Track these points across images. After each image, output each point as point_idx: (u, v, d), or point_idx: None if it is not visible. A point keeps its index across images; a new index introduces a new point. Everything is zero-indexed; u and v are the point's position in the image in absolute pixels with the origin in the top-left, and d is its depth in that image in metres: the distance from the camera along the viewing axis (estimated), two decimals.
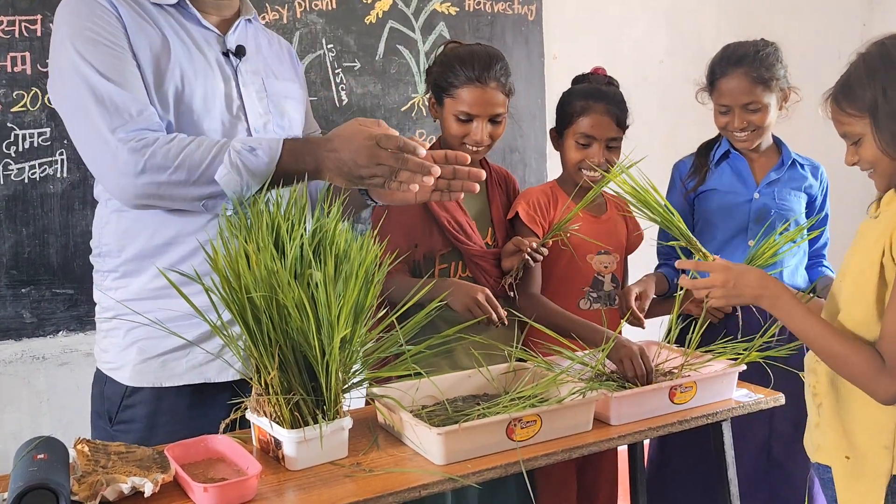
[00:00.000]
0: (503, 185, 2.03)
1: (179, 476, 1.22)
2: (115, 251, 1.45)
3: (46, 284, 2.07)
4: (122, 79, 1.35)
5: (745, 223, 2.01)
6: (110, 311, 1.46)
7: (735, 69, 1.95)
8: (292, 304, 1.24)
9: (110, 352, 1.47)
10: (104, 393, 1.49)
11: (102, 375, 1.50)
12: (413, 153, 1.32)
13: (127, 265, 1.44)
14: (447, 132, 1.88)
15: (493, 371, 1.63)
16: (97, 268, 1.50)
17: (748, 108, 1.94)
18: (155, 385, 1.44)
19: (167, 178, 1.33)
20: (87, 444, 1.26)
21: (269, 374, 1.28)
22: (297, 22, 2.40)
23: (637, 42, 3.11)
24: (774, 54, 1.97)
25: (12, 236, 2.03)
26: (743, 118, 1.95)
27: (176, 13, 1.47)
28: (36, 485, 1.08)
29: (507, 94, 1.86)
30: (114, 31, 1.37)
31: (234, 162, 1.33)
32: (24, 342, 2.08)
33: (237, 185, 1.34)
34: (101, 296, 1.49)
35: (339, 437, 1.34)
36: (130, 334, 1.44)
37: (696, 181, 2.06)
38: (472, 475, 1.30)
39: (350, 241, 1.33)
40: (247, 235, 1.29)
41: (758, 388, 1.68)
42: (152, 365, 1.44)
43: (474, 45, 1.91)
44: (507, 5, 2.78)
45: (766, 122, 1.97)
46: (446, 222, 1.85)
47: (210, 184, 1.34)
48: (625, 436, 1.47)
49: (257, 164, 1.34)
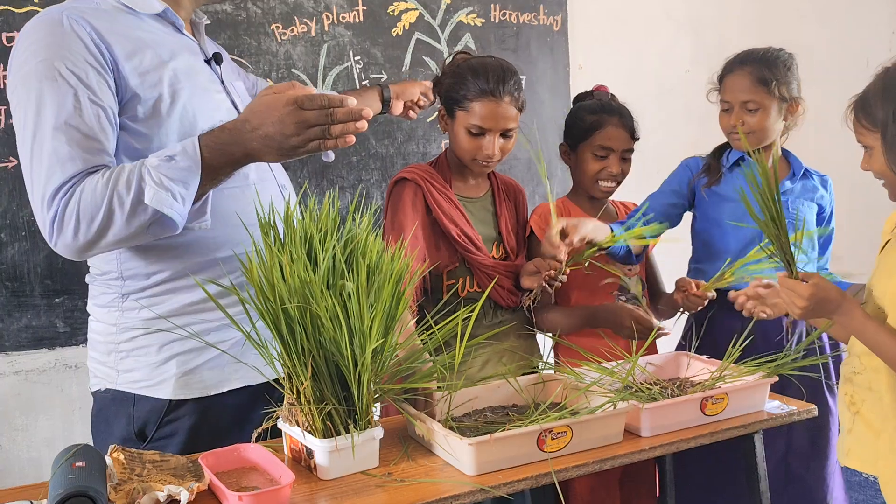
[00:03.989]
0: (511, 197, 2.03)
1: (214, 485, 1.24)
2: (143, 275, 1.43)
3: (79, 294, 2.10)
4: (76, 121, 1.30)
5: (758, 232, 1.98)
6: (135, 331, 1.43)
7: (740, 67, 1.95)
8: (325, 315, 1.25)
9: (140, 370, 1.44)
10: (133, 414, 1.45)
11: (127, 396, 1.45)
12: (341, 105, 1.24)
13: (161, 286, 1.43)
14: (457, 145, 1.87)
15: (523, 382, 1.63)
16: (111, 290, 1.46)
17: (746, 106, 1.92)
18: (202, 395, 1.44)
19: (96, 229, 1.28)
20: (122, 451, 1.28)
21: (303, 384, 1.29)
22: (325, 34, 2.43)
23: (662, 52, 3.11)
24: (785, 61, 1.95)
25: (46, 247, 2.04)
26: (740, 116, 1.93)
27: (156, 23, 1.46)
28: (75, 492, 1.09)
29: (520, 108, 1.86)
30: (81, 63, 1.31)
31: (155, 179, 1.26)
32: (57, 351, 2.11)
33: (168, 200, 1.27)
34: (120, 316, 1.45)
35: (371, 447, 1.34)
36: (166, 349, 1.43)
37: (710, 179, 2.04)
38: (503, 486, 1.30)
39: (382, 252, 1.34)
40: (280, 247, 1.31)
41: (790, 399, 1.66)
42: (197, 376, 1.44)
43: (487, 58, 1.90)
44: (532, 16, 2.79)
45: (764, 126, 1.92)
46: (456, 235, 1.84)
47: (141, 210, 1.27)
48: (656, 447, 1.46)
49: (180, 172, 1.27)
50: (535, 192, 2.79)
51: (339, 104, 1.24)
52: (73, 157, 1.30)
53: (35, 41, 1.33)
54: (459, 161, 1.90)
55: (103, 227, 1.28)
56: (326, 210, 1.37)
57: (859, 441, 1.50)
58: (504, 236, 1.95)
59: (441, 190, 1.87)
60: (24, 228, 2.03)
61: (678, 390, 1.62)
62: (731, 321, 1.90)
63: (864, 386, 1.49)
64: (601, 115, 1.98)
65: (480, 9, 2.69)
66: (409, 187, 1.85)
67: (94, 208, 1.28)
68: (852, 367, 1.52)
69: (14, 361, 2.07)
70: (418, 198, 1.84)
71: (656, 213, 2.00)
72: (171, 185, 1.27)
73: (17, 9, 1.99)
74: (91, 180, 1.29)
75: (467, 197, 1.93)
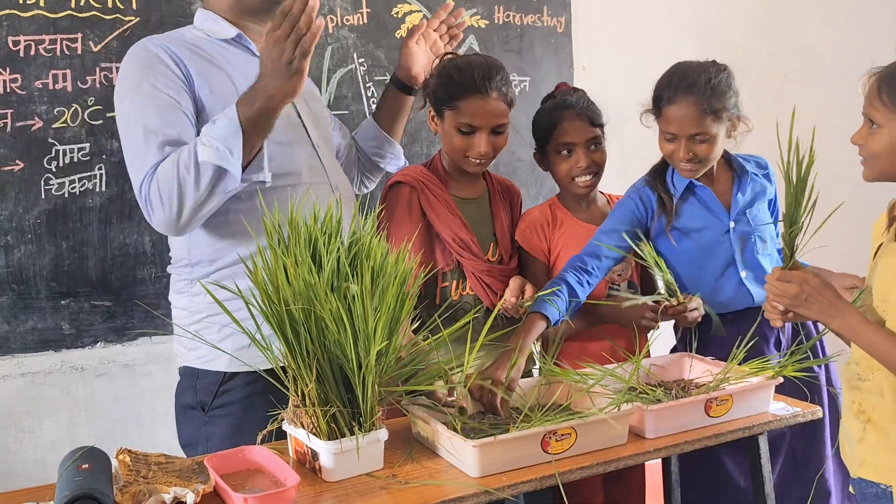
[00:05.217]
0: (507, 197, 2.01)
1: (219, 487, 1.24)
2: (207, 261, 1.63)
3: (85, 297, 2.10)
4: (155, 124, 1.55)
5: (731, 255, 1.89)
6: (203, 313, 1.63)
7: (684, 97, 1.79)
8: (329, 317, 1.25)
9: (203, 346, 1.61)
10: (196, 386, 1.65)
11: (193, 371, 1.66)
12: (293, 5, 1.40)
13: (222, 271, 1.61)
14: (449, 145, 1.85)
15: (527, 384, 1.63)
16: (183, 277, 1.67)
17: (695, 138, 1.80)
18: (252, 369, 1.53)
19: (176, 199, 1.50)
20: (128, 454, 1.29)
21: (307, 386, 1.30)
22: (329, 37, 2.43)
23: (666, 54, 3.08)
24: (726, 81, 1.82)
25: (52, 249, 2.06)
26: (689, 148, 1.81)
27: (231, 47, 1.70)
28: (81, 494, 1.10)
29: (509, 104, 1.84)
30: (169, 82, 1.58)
31: (203, 141, 1.48)
32: (62, 353, 2.11)
33: (217, 154, 1.47)
34: (190, 301, 1.65)
35: (375, 449, 1.35)
36: (224, 330, 1.59)
37: (668, 218, 1.90)
38: (507, 488, 1.30)
39: (386, 255, 1.35)
40: (285, 249, 1.31)
41: (795, 401, 1.66)
42: (249, 352, 1.51)
43: (472, 56, 1.90)
44: (536, 17, 2.79)
45: (713, 154, 1.83)
46: (450, 239, 1.83)
47: (204, 170, 1.47)
48: (660, 449, 1.46)
49: (220, 129, 1.48)
50: (539, 192, 2.78)
51: (290, 5, 1.40)
52: (155, 153, 1.54)
53: (128, 64, 1.63)
54: (453, 162, 1.89)
55: (180, 195, 1.49)
56: (331, 213, 1.37)
57: (873, 450, 1.42)
58: (499, 238, 1.94)
59: (437, 192, 1.86)
60: (30, 231, 2.04)
61: (682, 392, 1.62)
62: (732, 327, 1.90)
63: (873, 392, 1.43)
64: (555, 112, 1.95)
65: (484, 10, 2.69)
66: (404, 191, 1.85)
67: (168, 182, 1.50)
68: (856, 372, 1.46)
69: (20, 363, 2.08)
70: (413, 200, 1.84)
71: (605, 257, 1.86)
72: (217, 143, 1.47)
73: (22, 13, 2.00)
74: (166, 161, 1.52)
75: (463, 198, 1.92)
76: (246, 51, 1.71)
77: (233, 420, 1.60)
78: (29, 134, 2.01)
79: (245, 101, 1.49)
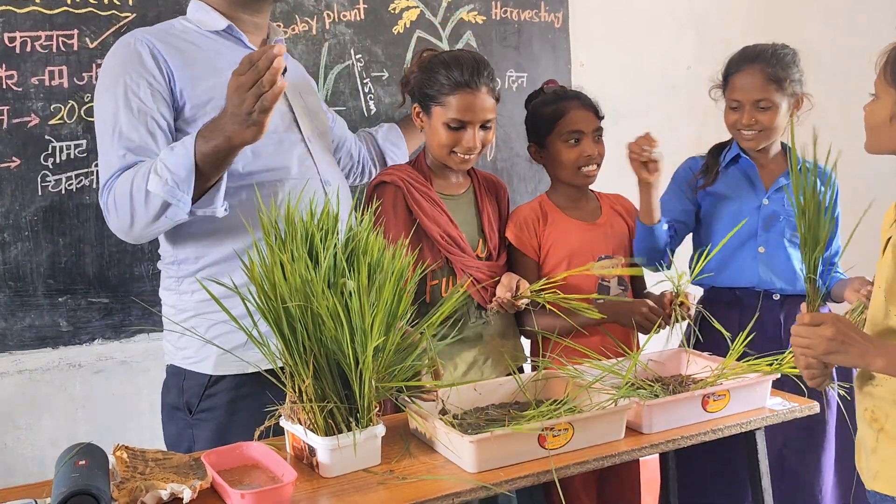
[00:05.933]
0: (493, 192, 2.01)
1: (216, 483, 1.24)
2: (192, 259, 1.61)
3: (82, 293, 2.10)
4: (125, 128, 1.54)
5: (754, 229, 1.97)
6: (189, 312, 1.61)
7: (751, 65, 1.94)
8: (326, 313, 1.25)
9: (190, 348, 1.61)
10: (183, 387, 1.63)
11: (181, 371, 1.64)
12: (263, 56, 1.32)
13: (209, 269, 1.59)
14: (436, 141, 1.84)
15: (524, 379, 1.63)
16: (170, 274, 1.66)
17: (759, 105, 1.93)
18: (238, 373, 1.53)
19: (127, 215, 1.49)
20: (125, 450, 1.29)
21: (304, 382, 1.29)
22: (326, 33, 2.42)
23: (664, 49, 3.10)
24: (792, 57, 1.96)
25: (49, 246, 2.06)
26: (752, 115, 1.93)
27: (221, 38, 1.66)
28: (78, 490, 1.10)
29: (497, 98, 1.85)
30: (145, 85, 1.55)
31: (157, 170, 1.44)
32: (60, 350, 2.11)
33: (165, 188, 1.43)
34: (178, 299, 1.64)
35: (373, 445, 1.35)
36: (212, 330, 1.58)
37: (706, 180, 2.04)
38: (504, 483, 1.30)
39: (383, 251, 1.34)
40: (281, 245, 1.31)
41: (792, 396, 1.66)
42: (232, 356, 1.51)
43: (457, 51, 1.90)
44: (533, 13, 2.79)
45: (775, 124, 1.94)
46: (438, 237, 1.83)
47: (152, 199, 1.45)
48: (657, 444, 1.47)
49: (175, 159, 1.43)
50: (537, 189, 2.78)
51: (260, 55, 1.32)
52: (118, 158, 1.53)
53: (110, 58, 1.62)
54: (439, 160, 1.88)
55: (132, 213, 1.49)
56: (327, 209, 1.37)
57: (886, 462, 1.35)
58: (487, 233, 1.93)
59: (422, 190, 1.85)
60: (27, 228, 2.04)
61: (680, 387, 1.62)
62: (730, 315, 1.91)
63: (887, 399, 1.36)
64: (559, 103, 1.95)
65: (481, 6, 2.68)
66: (388, 190, 1.84)
67: (123, 199, 1.49)
68: (868, 377, 1.39)
69: (18, 361, 2.07)
70: (399, 200, 1.83)
71: (676, 221, 2.00)
72: (168, 176, 1.42)
73: (18, 9, 1.99)
74: (125, 174, 1.50)
75: (449, 195, 1.91)
76: (237, 42, 1.69)
77: (217, 424, 1.59)
78: (25, 130, 2.01)
79: (204, 135, 1.43)
